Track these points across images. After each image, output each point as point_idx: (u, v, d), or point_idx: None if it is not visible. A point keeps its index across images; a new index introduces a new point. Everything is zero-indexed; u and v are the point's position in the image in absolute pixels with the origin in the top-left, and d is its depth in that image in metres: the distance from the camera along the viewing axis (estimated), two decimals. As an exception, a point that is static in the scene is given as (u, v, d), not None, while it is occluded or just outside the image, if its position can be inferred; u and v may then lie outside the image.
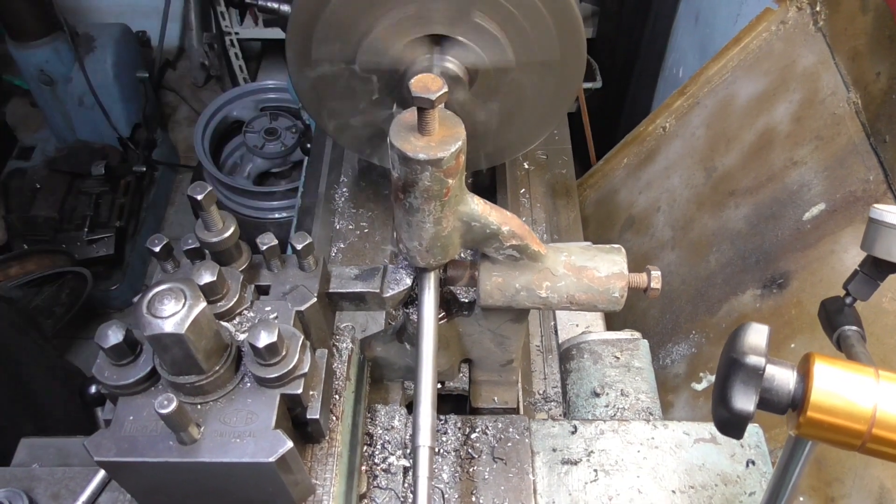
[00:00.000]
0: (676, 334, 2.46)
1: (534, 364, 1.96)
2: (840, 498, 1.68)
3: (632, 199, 3.03)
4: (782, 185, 2.26)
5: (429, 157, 1.03)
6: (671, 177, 2.83)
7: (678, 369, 2.38)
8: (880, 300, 1.78)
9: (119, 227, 4.42)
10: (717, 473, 1.44)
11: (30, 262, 4.19)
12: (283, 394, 1.07)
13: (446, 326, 1.38)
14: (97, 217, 4.39)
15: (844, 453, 1.66)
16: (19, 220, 4.37)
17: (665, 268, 2.66)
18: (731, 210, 2.45)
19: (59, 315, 4.10)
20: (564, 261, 1.26)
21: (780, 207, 2.24)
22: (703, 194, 2.62)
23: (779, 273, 2.15)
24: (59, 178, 4.50)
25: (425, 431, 1.12)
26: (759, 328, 0.92)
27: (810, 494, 1.75)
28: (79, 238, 4.35)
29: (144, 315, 0.97)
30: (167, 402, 0.96)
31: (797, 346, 1.94)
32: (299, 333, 1.09)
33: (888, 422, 0.87)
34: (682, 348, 2.41)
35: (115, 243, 4.36)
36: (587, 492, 1.41)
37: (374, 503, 1.33)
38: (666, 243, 2.72)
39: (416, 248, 1.18)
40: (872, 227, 1.08)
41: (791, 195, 2.21)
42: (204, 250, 1.19)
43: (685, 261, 2.59)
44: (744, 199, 2.41)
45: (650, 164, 2.98)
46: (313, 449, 1.20)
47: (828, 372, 0.90)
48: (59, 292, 4.19)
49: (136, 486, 1.10)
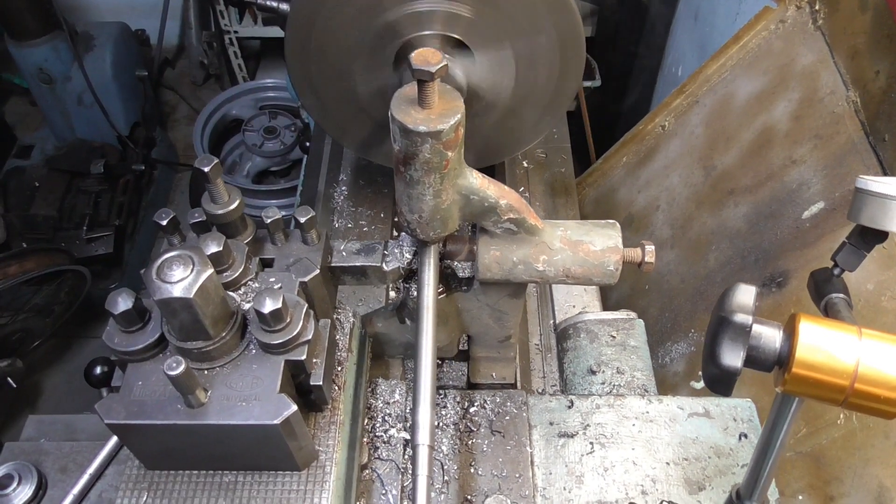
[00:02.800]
0: (675, 333, 2.47)
1: (533, 363, 1.98)
2: (839, 497, 1.69)
3: (631, 198, 3.04)
4: (781, 184, 2.26)
5: (429, 129, 1.07)
6: (670, 175, 2.83)
7: (677, 368, 2.39)
8: (879, 299, 1.80)
9: (118, 226, 4.42)
10: (710, 446, 1.48)
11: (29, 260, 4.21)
12: (287, 360, 1.11)
13: (445, 301, 1.41)
14: (96, 216, 4.40)
15: (843, 453, 1.69)
16: (18, 218, 4.38)
17: (664, 266, 2.67)
18: (731, 209, 2.45)
19: (58, 314, 4.11)
20: (561, 235, 1.29)
21: (779, 206, 2.24)
22: (703, 193, 2.63)
23: (778, 271, 2.15)
24: (58, 177, 4.52)
25: (424, 430, 1.13)
26: (747, 288, 0.96)
27: (809, 493, 1.76)
28: (78, 237, 4.36)
29: (154, 280, 1.00)
30: (176, 365, 0.99)
31: (796, 346, 1.96)
32: (303, 302, 1.13)
33: (870, 377, 0.91)
34: (681, 347, 2.42)
35: (114, 242, 4.36)
36: (583, 463, 1.44)
37: (374, 473, 1.37)
38: (665, 242, 2.72)
39: (417, 221, 1.21)
40: (858, 197, 1.12)
41: (790, 194, 2.21)
42: (210, 224, 1.22)
43: (684, 259, 2.60)
44: (743, 198, 2.41)
45: (649, 162, 2.99)
46: (316, 417, 1.23)
47: (813, 330, 0.93)
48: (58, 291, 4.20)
49: (145, 449, 1.13)
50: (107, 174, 4.46)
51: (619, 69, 4.29)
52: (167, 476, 1.17)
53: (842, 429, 1.73)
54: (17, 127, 5.07)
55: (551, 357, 1.95)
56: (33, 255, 4.24)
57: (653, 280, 2.72)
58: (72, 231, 4.36)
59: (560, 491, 1.40)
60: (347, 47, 1.57)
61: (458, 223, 1.26)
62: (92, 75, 4.32)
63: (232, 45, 4.91)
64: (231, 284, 1.17)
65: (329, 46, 1.58)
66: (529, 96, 1.67)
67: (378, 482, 1.36)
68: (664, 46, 3.89)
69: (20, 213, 4.36)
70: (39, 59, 4.28)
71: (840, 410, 1.75)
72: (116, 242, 4.37)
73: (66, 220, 4.38)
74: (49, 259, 4.25)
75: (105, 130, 4.55)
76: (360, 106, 1.65)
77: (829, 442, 1.75)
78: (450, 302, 1.43)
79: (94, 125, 4.54)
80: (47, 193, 4.44)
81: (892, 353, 0.90)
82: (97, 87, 4.35)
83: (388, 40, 1.53)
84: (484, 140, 1.78)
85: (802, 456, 1.80)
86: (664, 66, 3.95)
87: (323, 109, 1.58)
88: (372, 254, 1.34)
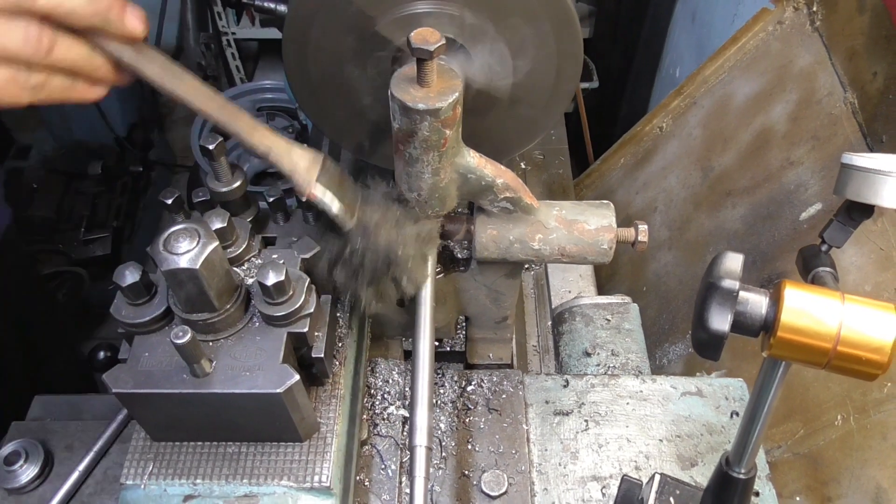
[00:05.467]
0: (673, 334, 2.49)
1: (530, 364, 2.01)
2: (837, 498, 1.71)
3: (629, 199, 3.05)
4: (779, 185, 2.27)
5: (427, 107, 1.11)
6: (668, 177, 2.84)
7: (675, 369, 2.41)
8: (879, 298, 1.80)
9: (116, 228, 4.44)
10: (702, 424, 1.51)
11: (27, 261, 4.23)
12: (289, 332, 1.14)
13: (443, 282, 1.45)
14: (94, 217, 4.42)
15: (841, 454, 1.71)
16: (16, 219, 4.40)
17: (662, 268, 2.68)
18: (728, 210, 2.46)
19: (57, 314, 4.13)
20: (556, 214, 1.33)
21: (776, 207, 2.25)
22: (700, 194, 2.64)
23: (776, 273, 2.16)
24: (56, 179, 4.53)
25: (422, 431, 1.14)
26: (735, 256, 1.00)
27: (806, 494, 1.78)
28: (75, 238, 4.37)
29: (161, 251, 1.03)
30: (182, 333, 1.02)
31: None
32: (305, 276, 1.16)
33: (852, 339, 0.94)
34: (679, 348, 2.44)
35: (112, 243, 4.39)
36: (578, 440, 1.47)
37: (374, 449, 1.40)
38: (663, 243, 2.74)
39: (416, 199, 1.25)
40: (844, 172, 1.16)
41: (788, 195, 2.22)
42: (214, 203, 1.26)
43: (682, 261, 2.61)
44: (741, 199, 2.42)
45: (647, 164, 3.01)
46: (318, 391, 1.26)
47: (797, 295, 0.97)
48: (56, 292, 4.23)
49: (151, 419, 1.16)
50: (105, 175, 4.48)
51: (617, 70, 4.31)
52: (172, 447, 1.19)
53: (839, 430, 1.75)
54: (14, 128, 5.08)
55: (549, 359, 1.98)
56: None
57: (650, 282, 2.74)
58: (69, 232, 4.38)
59: (555, 466, 1.43)
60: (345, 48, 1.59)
61: (456, 202, 1.29)
62: (90, 76, 4.34)
63: (230, 47, 4.94)
64: (235, 260, 1.20)
65: (327, 48, 1.60)
66: (527, 97, 1.69)
67: (378, 457, 1.39)
68: (662, 48, 3.91)
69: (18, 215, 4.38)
70: (38, 60, 4.31)
71: (838, 412, 1.77)
72: (114, 244, 4.39)
73: (63, 222, 4.39)
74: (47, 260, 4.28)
75: (103, 132, 4.57)
76: (358, 107, 1.67)
77: (827, 443, 1.77)
78: (448, 282, 1.46)
79: (92, 126, 4.56)
80: (45, 195, 4.46)
81: (873, 316, 0.94)
82: (95, 88, 4.37)
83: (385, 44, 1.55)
84: (481, 141, 1.80)
85: (800, 457, 1.82)
86: (662, 67, 3.97)
87: (321, 111, 1.60)
88: (371, 233, 1.37)
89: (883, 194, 1.11)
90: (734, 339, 0.97)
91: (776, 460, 1.85)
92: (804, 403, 1.84)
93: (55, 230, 4.36)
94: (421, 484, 1.11)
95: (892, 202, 1.10)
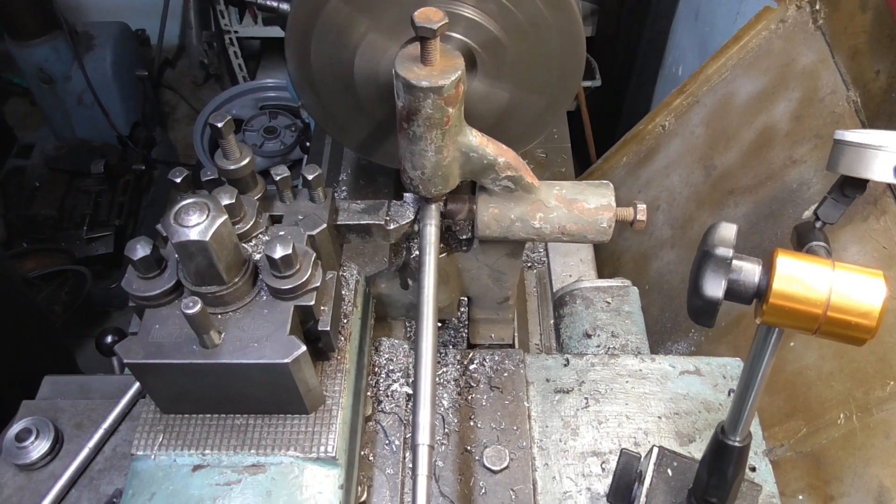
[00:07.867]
0: (676, 333, 2.49)
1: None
2: (839, 496, 1.71)
3: (631, 198, 2.99)
4: (782, 184, 2.26)
5: (431, 84, 1.13)
6: (670, 175, 2.84)
7: None
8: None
9: (118, 226, 4.46)
10: (700, 402, 1.54)
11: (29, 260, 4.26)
12: (296, 305, 1.17)
13: (446, 261, 1.48)
14: (96, 216, 4.44)
15: (843, 453, 1.72)
16: (18, 218, 4.43)
17: (664, 266, 2.68)
18: (731, 209, 2.45)
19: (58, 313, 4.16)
20: (556, 193, 1.36)
21: (779, 206, 2.24)
22: (703, 193, 2.63)
23: None
24: (58, 177, 4.56)
25: (425, 430, 1.15)
26: (729, 226, 1.03)
27: (809, 493, 1.78)
28: (78, 237, 4.39)
29: (172, 224, 1.06)
30: (192, 304, 1.05)
31: (797, 345, 1.94)
32: (311, 251, 1.19)
33: (841, 305, 0.97)
34: (682, 347, 2.43)
35: (114, 242, 4.40)
36: (578, 417, 1.50)
37: (379, 425, 1.42)
38: (665, 242, 2.73)
39: (419, 177, 1.28)
40: (837, 148, 1.19)
41: (790, 194, 2.21)
42: (222, 181, 1.29)
43: (685, 259, 2.60)
44: (743, 198, 2.42)
45: (649, 162, 3.00)
46: (324, 365, 1.28)
47: (789, 263, 0.99)
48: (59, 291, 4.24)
49: (161, 390, 1.18)
50: (107, 174, 4.51)
51: (620, 69, 4.32)
52: (182, 419, 1.22)
53: (842, 429, 1.75)
54: (17, 127, 5.11)
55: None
56: (33, 254, 4.29)
57: (653, 280, 2.74)
58: (72, 231, 4.40)
59: (556, 442, 1.46)
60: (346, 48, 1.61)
61: (459, 180, 1.32)
62: (92, 75, 4.37)
63: (232, 45, 4.98)
64: (243, 237, 1.23)
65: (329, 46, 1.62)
66: (529, 96, 1.72)
67: (382, 433, 1.42)
68: (664, 46, 3.91)
69: (20, 213, 4.40)
70: (40, 59, 4.33)
71: (840, 410, 1.78)
72: (117, 242, 4.41)
73: (66, 220, 4.42)
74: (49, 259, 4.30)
75: (105, 130, 4.60)
76: (361, 105, 1.69)
77: (829, 442, 1.77)
78: (450, 262, 1.49)
79: (95, 125, 4.60)
80: (47, 193, 4.49)
81: (861, 282, 0.97)
82: (97, 87, 4.40)
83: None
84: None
85: (802, 456, 1.82)
86: (664, 65, 3.96)
87: (323, 109, 1.61)
88: (376, 212, 1.40)
89: (874, 168, 1.14)
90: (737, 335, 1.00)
91: (779, 459, 1.85)
92: (807, 402, 1.85)
93: (57, 229, 4.39)
94: (424, 482, 1.11)
95: (883, 176, 1.13)
